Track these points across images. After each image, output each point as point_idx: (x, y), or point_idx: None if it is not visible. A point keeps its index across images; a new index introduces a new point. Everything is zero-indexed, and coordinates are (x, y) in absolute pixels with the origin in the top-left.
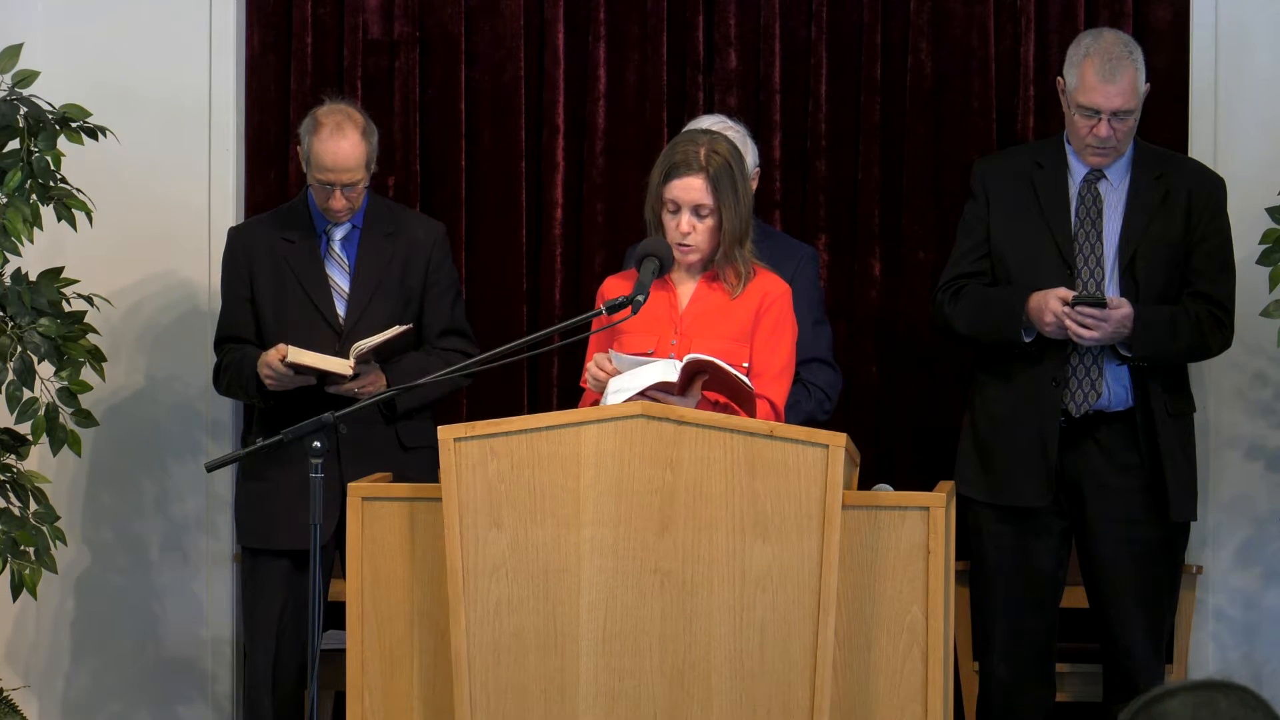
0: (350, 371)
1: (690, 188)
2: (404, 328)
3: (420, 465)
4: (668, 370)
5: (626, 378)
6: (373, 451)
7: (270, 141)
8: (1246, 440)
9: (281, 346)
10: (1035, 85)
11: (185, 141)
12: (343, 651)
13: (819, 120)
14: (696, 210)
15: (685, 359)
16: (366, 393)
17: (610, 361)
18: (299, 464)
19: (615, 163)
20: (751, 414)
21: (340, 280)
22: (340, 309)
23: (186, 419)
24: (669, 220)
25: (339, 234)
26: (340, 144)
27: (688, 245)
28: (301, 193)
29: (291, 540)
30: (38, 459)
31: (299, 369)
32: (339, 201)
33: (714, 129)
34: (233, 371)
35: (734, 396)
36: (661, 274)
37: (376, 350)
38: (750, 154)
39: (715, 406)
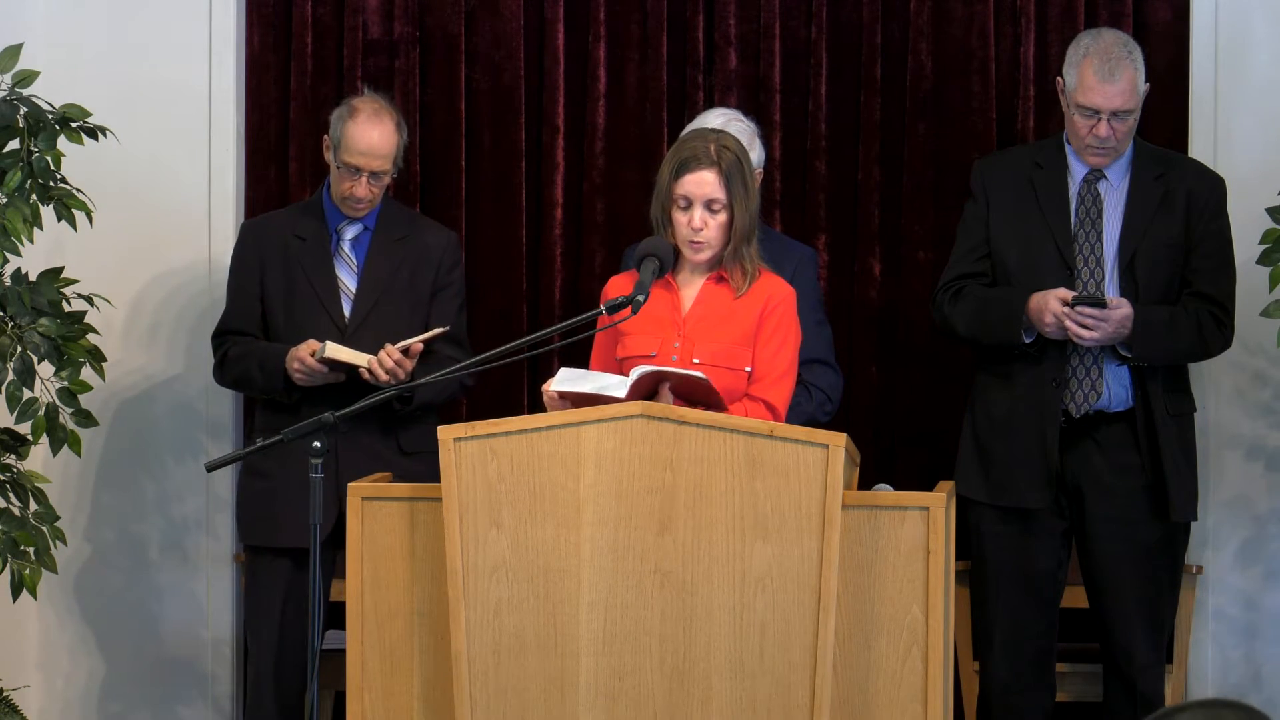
0: (365, 364)
1: (703, 182)
2: (443, 329)
3: (419, 470)
4: (618, 388)
5: (573, 377)
6: (372, 455)
7: (270, 141)
8: (1246, 440)
9: (312, 342)
10: (1035, 85)
11: (185, 141)
12: (343, 651)
13: (819, 120)
14: (709, 205)
15: (633, 373)
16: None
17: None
18: (300, 462)
19: (615, 163)
20: (720, 409)
21: (348, 281)
22: (346, 309)
23: (186, 419)
24: (680, 217)
25: (350, 234)
26: (376, 129)
27: (700, 241)
28: (318, 190)
29: (292, 539)
30: (38, 459)
31: (333, 365)
32: (363, 189)
33: (724, 124)
34: (246, 364)
35: (703, 398)
36: (662, 274)
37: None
38: (757, 151)
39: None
